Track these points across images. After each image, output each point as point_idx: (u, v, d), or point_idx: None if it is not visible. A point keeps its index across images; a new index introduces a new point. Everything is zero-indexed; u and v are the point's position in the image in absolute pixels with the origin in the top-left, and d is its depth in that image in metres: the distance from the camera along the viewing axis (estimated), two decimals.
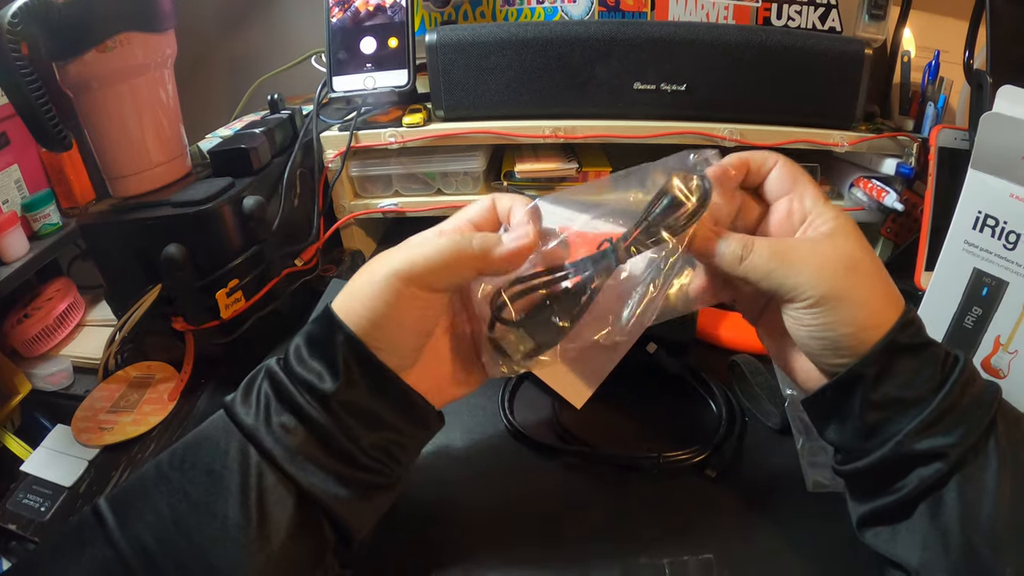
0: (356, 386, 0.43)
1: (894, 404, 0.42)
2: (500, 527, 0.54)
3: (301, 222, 0.85)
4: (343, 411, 0.43)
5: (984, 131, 0.59)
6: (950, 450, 0.40)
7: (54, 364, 0.82)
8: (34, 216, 0.83)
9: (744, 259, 0.45)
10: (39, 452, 0.68)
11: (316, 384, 0.43)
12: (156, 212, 0.69)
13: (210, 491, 0.41)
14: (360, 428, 0.43)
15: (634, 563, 0.50)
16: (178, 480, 0.41)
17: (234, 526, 0.39)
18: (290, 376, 0.43)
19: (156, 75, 0.74)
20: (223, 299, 0.70)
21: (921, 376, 0.42)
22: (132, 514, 0.40)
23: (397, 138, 0.87)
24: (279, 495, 0.41)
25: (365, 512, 0.45)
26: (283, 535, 0.40)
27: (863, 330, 0.42)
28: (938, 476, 0.41)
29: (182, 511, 0.40)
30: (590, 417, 0.63)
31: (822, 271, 0.43)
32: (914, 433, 0.41)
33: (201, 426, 0.45)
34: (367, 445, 0.43)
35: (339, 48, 0.90)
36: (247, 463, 0.41)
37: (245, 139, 0.79)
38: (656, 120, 0.85)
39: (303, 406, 0.42)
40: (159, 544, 0.39)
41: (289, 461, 0.41)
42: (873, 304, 0.43)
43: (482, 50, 0.83)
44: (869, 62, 0.82)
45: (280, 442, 0.41)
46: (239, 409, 0.43)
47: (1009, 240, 0.58)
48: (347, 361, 0.43)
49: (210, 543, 0.39)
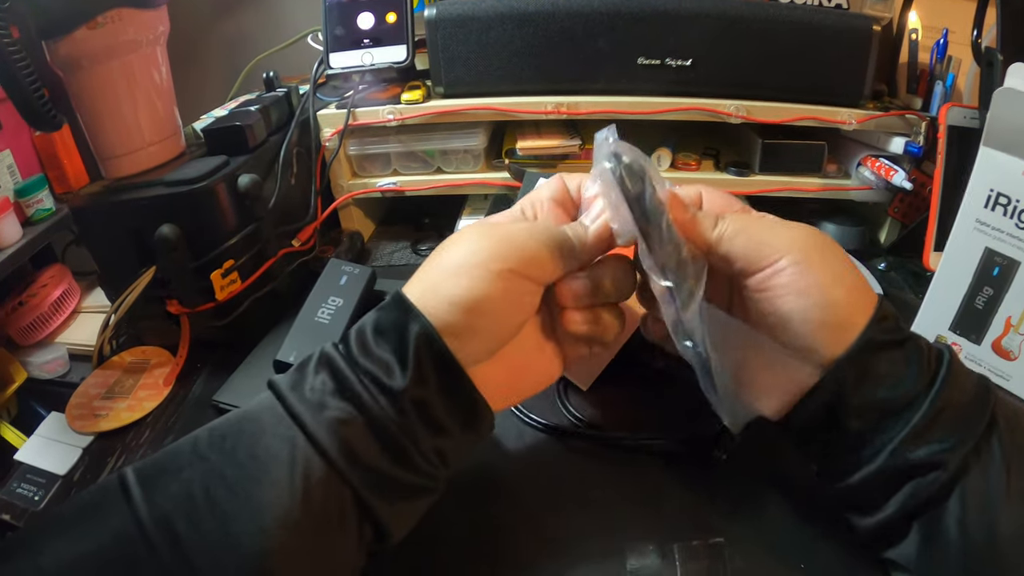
0: (427, 384, 0.41)
1: (881, 409, 0.40)
2: (505, 510, 0.53)
3: (298, 202, 0.84)
4: (413, 411, 0.40)
5: (997, 107, 0.58)
6: (949, 456, 0.38)
7: (50, 352, 0.81)
8: (27, 202, 0.82)
9: (719, 230, 0.44)
10: (33, 440, 0.67)
11: (383, 378, 0.40)
12: (149, 192, 0.68)
13: (252, 479, 0.38)
14: (422, 429, 0.41)
15: (642, 547, 0.49)
16: (217, 462, 0.39)
17: (274, 518, 0.37)
18: (352, 365, 0.41)
19: (148, 52, 0.73)
20: (218, 280, 0.69)
21: (908, 374, 0.40)
22: (161, 489, 0.38)
23: (396, 115, 0.86)
24: (325, 491, 0.38)
25: (407, 515, 0.43)
26: (322, 530, 0.38)
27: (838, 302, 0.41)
28: (938, 487, 0.38)
29: (219, 496, 0.37)
30: (596, 399, 0.63)
31: (795, 234, 0.43)
32: (908, 440, 0.39)
33: (246, 407, 0.42)
34: (426, 448, 0.41)
35: (336, 24, 0.88)
36: (295, 453, 0.38)
37: (240, 116, 0.78)
38: (661, 96, 0.83)
39: (365, 400, 0.40)
40: (189, 526, 0.37)
41: (340, 456, 0.39)
42: (844, 274, 0.42)
43: (482, 24, 0.82)
44: (877, 39, 0.81)
45: (333, 435, 0.39)
46: (289, 395, 0.40)
47: (1022, 219, 0.58)
48: (420, 355, 0.40)
49: (245, 532, 0.37)
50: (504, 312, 0.43)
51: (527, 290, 0.43)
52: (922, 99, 0.87)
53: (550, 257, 0.43)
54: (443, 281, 0.42)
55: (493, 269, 0.41)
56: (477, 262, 0.42)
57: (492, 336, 0.43)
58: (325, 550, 0.39)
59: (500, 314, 0.43)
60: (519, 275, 0.42)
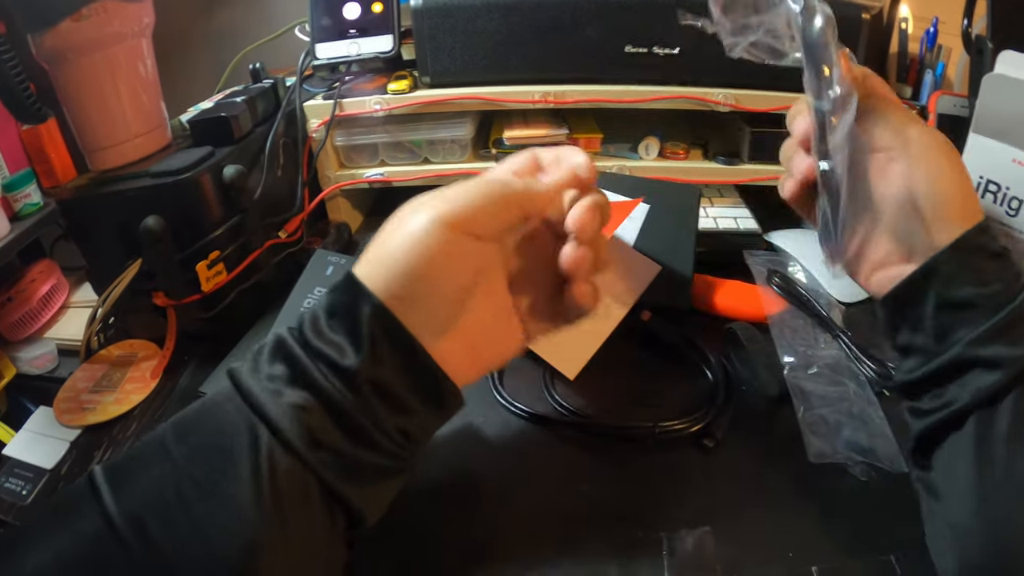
0: (382, 363, 0.40)
1: (967, 306, 0.42)
2: (492, 501, 0.53)
3: (285, 193, 0.84)
4: (369, 389, 0.40)
5: (986, 93, 0.58)
6: (1011, 362, 0.40)
7: (39, 347, 0.80)
8: (14, 196, 0.81)
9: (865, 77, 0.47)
10: (21, 435, 0.67)
11: (337, 359, 0.40)
12: (134, 183, 0.68)
13: (220, 473, 0.37)
14: (384, 409, 0.40)
15: (631, 536, 0.49)
16: (183, 458, 0.38)
17: (244, 509, 0.37)
18: (306, 350, 0.40)
19: (133, 44, 0.73)
20: (204, 272, 0.68)
21: (996, 282, 0.42)
22: (129, 487, 0.38)
23: (383, 105, 0.85)
24: (291, 480, 0.38)
25: (378, 497, 0.42)
26: (295, 519, 0.38)
27: (948, 200, 0.44)
28: (995, 387, 0.40)
29: (188, 493, 0.37)
30: (583, 388, 0.62)
31: (924, 127, 0.46)
32: (982, 338, 0.41)
33: (207, 398, 0.42)
34: (389, 427, 0.41)
35: (322, 14, 0.88)
36: (258, 444, 0.38)
37: (225, 108, 0.77)
38: (648, 84, 0.83)
39: (321, 384, 0.39)
40: (160, 525, 0.36)
41: (303, 443, 0.38)
42: (958, 181, 0.45)
43: (469, 13, 0.81)
44: (867, 26, 0.80)
45: (294, 423, 0.38)
46: (248, 382, 0.40)
47: (1012, 206, 0.58)
48: (373, 334, 0.40)
49: (215, 525, 0.36)
50: (449, 273, 0.42)
51: (470, 248, 0.43)
52: (912, 88, 0.87)
53: (491, 206, 0.43)
54: (386, 254, 0.42)
55: (431, 231, 0.41)
56: (419, 225, 0.41)
57: (443, 301, 0.43)
58: (300, 540, 0.38)
59: (445, 276, 0.42)
60: (460, 230, 0.42)
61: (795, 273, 0.71)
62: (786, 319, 0.65)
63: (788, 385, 0.59)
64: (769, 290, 0.68)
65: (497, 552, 0.49)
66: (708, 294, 0.72)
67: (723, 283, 0.74)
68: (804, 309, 0.65)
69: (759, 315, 0.67)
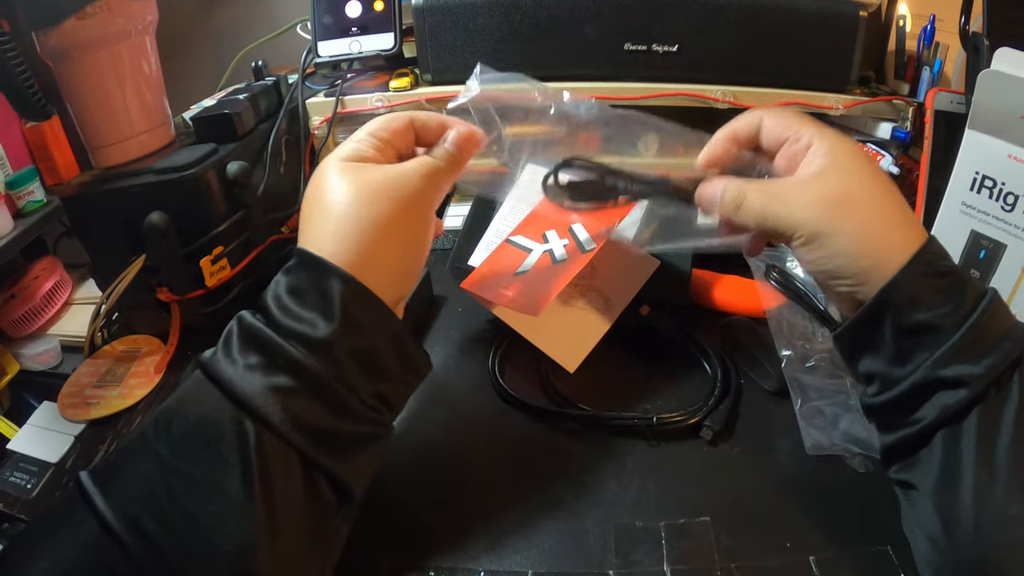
0: (357, 330, 0.42)
1: (924, 330, 0.42)
2: (493, 492, 0.53)
3: (287, 190, 0.84)
4: (346, 359, 0.41)
5: (982, 90, 0.58)
6: (974, 380, 0.40)
7: (42, 343, 0.80)
8: (18, 194, 0.82)
9: (739, 206, 0.46)
10: (25, 430, 0.67)
11: (310, 334, 0.41)
12: (138, 180, 0.68)
13: (208, 466, 0.38)
14: (359, 377, 0.42)
15: (630, 527, 0.50)
16: (170, 455, 0.39)
17: (237, 500, 0.37)
18: (278, 332, 0.41)
19: (137, 42, 0.73)
20: (208, 267, 0.69)
21: (950, 301, 0.42)
22: (118, 487, 0.38)
23: (384, 103, 0.86)
24: (281, 464, 0.39)
25: (362, 467, 0.44)
26: (288, 505, 0.39)
27: (862, 259, 0.43)
28: (960, 405, 0.41)
29: (180, 490, 0.38)
30: (583, 380, 0.63)
31: (807, 209, 0.44)
32: (943, 359, 0.41)
33: (182, 389, 0.42)
34: (365, 394, 0.42)
35: (324, 12, 0.88)
36: (244, 434, 0.38)
37: (228, 105, 0.78)
38: (647, 82, 0.84)
39: (300, 360, 0.40)
40: (147, 510, 0.37)
41: (289, 427, 0.39)
42: (868, 233, 0.43)
43: (469, 12, 0.82)
44: (864, 24, 0.81)
45: (278, 407, 0.39)
46: (225, 372, 0.40)
47: (1007, 202, 0.58)
48: (346, 306, 0.41)
49: (210, 518, 0.37)
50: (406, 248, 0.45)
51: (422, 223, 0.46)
52: (909, 85, 0.87)
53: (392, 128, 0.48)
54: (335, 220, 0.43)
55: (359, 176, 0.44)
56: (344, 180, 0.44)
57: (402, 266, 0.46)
58: (296, 523, 0.39)
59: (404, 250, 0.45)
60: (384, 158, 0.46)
61: (793, 268, 0.71)
62: (784, 313, 0.65)
63: (786, 378, 0.59)
64: (767, 285, 0.68)
65: (496, 542, 0.49)
66: (707, 289, 0.73)
67: (721, 278, 0.74)
68: (801, 303, 0.65)
69: (757, 309, 0.67)
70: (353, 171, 0.45)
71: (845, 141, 0.46)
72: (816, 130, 0.46)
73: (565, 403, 0.61)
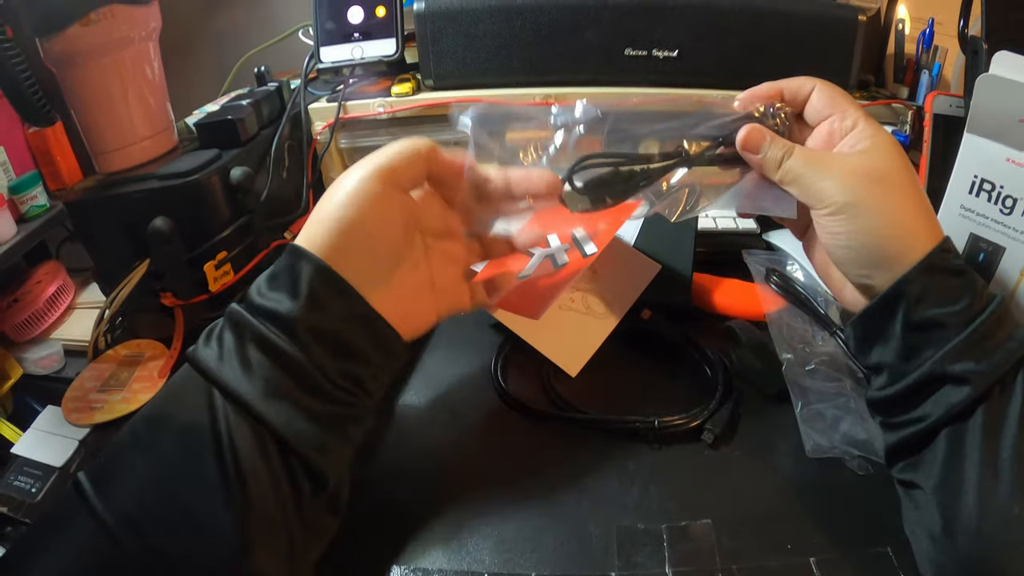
0: (320, 308, 0.43)
1: (934, 326, 0.43)
2: (494, 494, 0.54)
3: (290, 195, 0.85)
4: (309, 337, 0.42)
5: (980, 94, 0.58)
6: (979, 378, 0.41)
7: (45, 348, 0.81)
8: (21, 198, 0.82)
9: (782, 163, 0.47)
10: (29, 434, 0.67)
11: (278, 310, 0.42)
12: (142, 185, 0.68)
13: (184, 446, 0.40)
14: (325, 355, 0.43)
15: (632, 529, 0.50)
16: (152, 440, 0.41)
17: (210, 474, 0.39)
18: (251, 310, 0.43)
19: (141, 48, 0.73)
20: (211, 272, 0.69)
21: (961, 300, 0.43)
22: (111, 483, 0.39)
23: (386, 108, 0.86)
24: (247, 435, 0.40)
25: (335, 451, 0.44)
26: (256, 476, 0.39)
27: (888, 241, 0.44)
28: (965, 403, 0.41)
29: (160, 471, 0.39)
30: (584, 384, 0.63)
31: (846, 179, 0.45)
32: (950, 355, 0.42)
33: (169, 383, 0.44)
34: (334, 373, 0.43)
35: (326, 18, 0.89)
36: (214, 408, 0.40)
37: (231, 110, 0.78)
38: (648, 86, 0.84)
39: (266, 335, 0.41)
40: (141, 509, 0.38)
41: (254, 397, 0.40)
42: (901, 220, 0.45)
43: (471, 17, 0.82)
44: (863, 28, 0.81)
45: (244, 379, 0.40)
46: (201, 354, 0.42)
47: (1006, 205, 0.58)
48: (312, 284, 0.43)
49: (189, 496, 0.38)
50: (376, 222, 0.46)
51: (395, 199, 0.47)
52: (909, 88, 0.88)
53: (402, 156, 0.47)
54: (324, 213, 0.45)
55: (365, 180, 0.45)
56: (351, 182, 0.45)
57: (377, 253, 0.46)
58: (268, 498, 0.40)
59: (373, 226, 0.45)
60: (389, 182, 0.46)
61: (793, 272, 0.71)
62: (784, 317, 0.66)
63: (786, 381, 0.60)
64: (767, 288, 0.69)
65: (499, 545, 0.50)
66: (707, 293, 0.73)
67: (722, 282, 0.74)
68: (802, 307, 0.66)
69: (758, 313, 0.67)
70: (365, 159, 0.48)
71: (886, 132, 0.47)
72: (863, 114, 0.48)
73: (567, 407, 0.61)
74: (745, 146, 0.49)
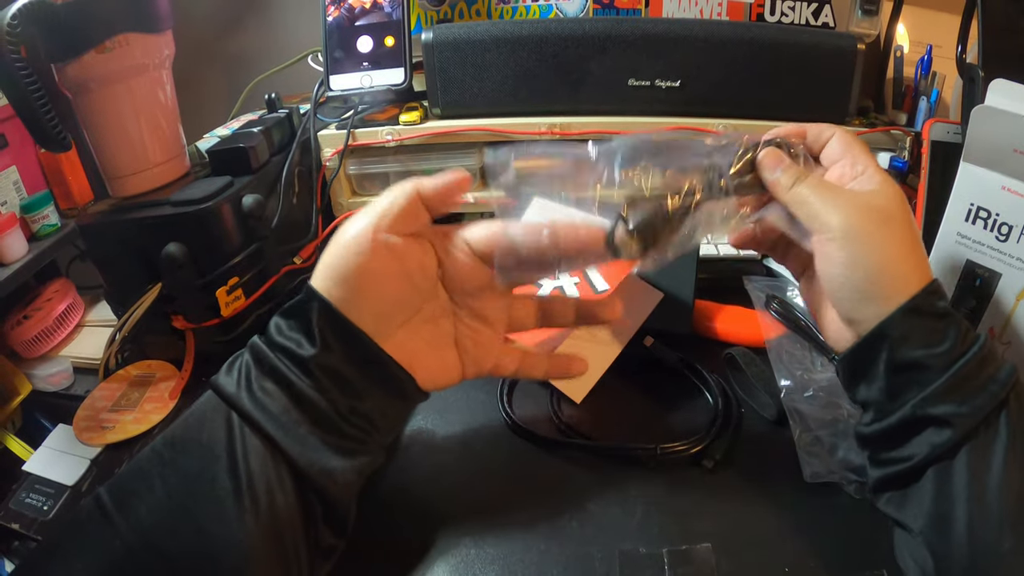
0: (332, 350, 0.45)
1: (917, 367, 0.44)
2: (499, 519, 0.54)
3: (300, 220, 0.86)
4: (322, 375, 0.44)
5: (976, 124, 0.59)
6: (961, 420, 0.42)
7: (54, 365, 0.82)
8: (33, 217, 0.83)
9: (793, 187, 0.48)
10: (41, 452, 0.68)
11: (295, 350, 0.45)
12: (156, 211, 0.70)
13: (200, 461, 0.42)
14: (337, 392, 0.45)
15: (633, 553, 0.50)
16: (170, 457, 0.43)
17: (224, 491, 0.40)
18: (270, 346, 0.45)
19: (154, 75, 0.75)
20: (223, 297, 0.70)
21: (944, 343, 0.43)
22: (131, 498, 0.41)
23: (394, 136, 0.87)
24: (262, 457, 0.42)
25: (344, 479, 0.45)
26: (269, 497, 0.41)
27: (880, 276, 0.45)
28: (948, 444, 0.42)
29: (175, 485, 0.41)
30: (588, 410, 0.64)
31: (851, 209, 0.46)
32: (932, 397, 0.43)
33: (191, 410, 0.46)
34: (345, 411, 0.45)
35: (335, 47, 0.90)
36: (231, 429, 0.42)
37: (243, 138, 0.79)
38: (651, 116, 0.85)
39: (282, 370, 0.44)
40: (157, 523, 0.40)
41: (269, 423, 0.42)
42: (895, 257, 0.45)
43: (478, 48, 0.83)
44: (862, 57, 0.82)
45: (260, 406, 0.43)
46: (222, 381, 0.45)
47: (1001, 232, 0.58)
48: (321, 326, 0.45)
49: (204, 512, 0.40)
50: (379, 271, 0.47)
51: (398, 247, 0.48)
52: (907, 114, 0.89)
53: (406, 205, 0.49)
54: (330, 260, 0.47)
55: (362, 232, 0.46)
56: (350, 234, 0.47)
57: (378, 300, 0.47)
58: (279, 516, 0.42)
59: (377, 274, 0.47)
60: (387, 229, 0.47)
61: (793, 298, 0.72)
62: (784, 343, 0.66)
63: (785, 408, 0.60)
64: (767, 315, 0.69)
65: (504, 568, 0.50)
66: (708, 319, 0.74)
67: (723, 308, 0.75)
68: (801, 334, 0.66)
69: (758, 339, 0.68)
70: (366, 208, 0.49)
71: (892, 180, 0.48)
72: (874, 163, 0.49)
73: (572, 433, 0.62)
74: (763, 164, 0.49)
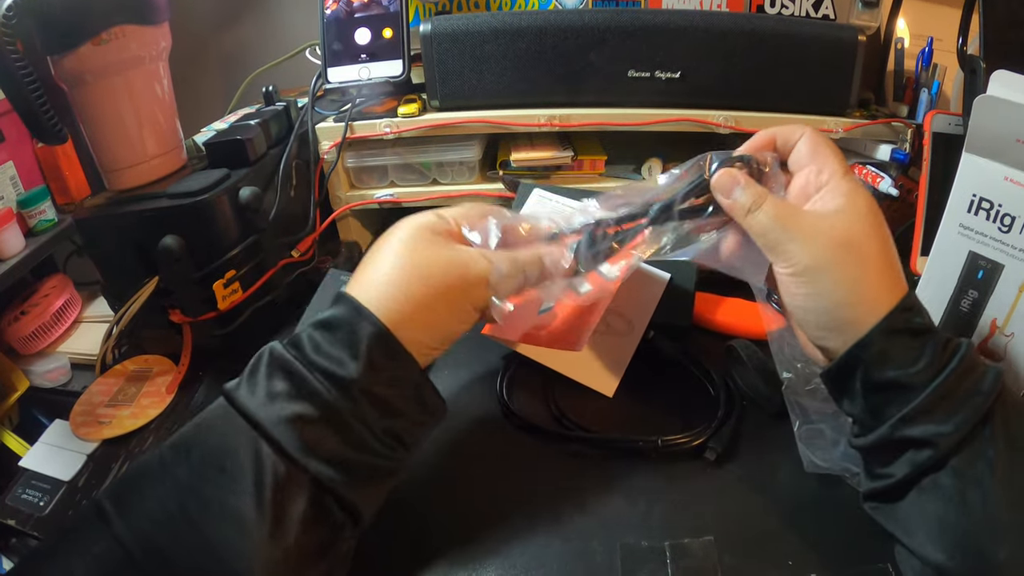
0: (376, 370, 0.43)
1: (893, 387, 0.43)
2: (499, 512, 0.54)
3: (298, 213, 0.85)
4: (362, 397, 0.43)
5: (978, 114, 0.59)
6: (941, 439, 0.41)
7: (51, 361, 0.82)
8: (29, 213, 0.83)
9: (751, 212, 0.46)
10: (37, 447, 0.68)
11: (336, 371, 0.43)
12: (152, 204, 0.69)
13: (224, 490, 0.40)
14: (374, 414, 0.43)
15: (635, 546, 0.50)
16: (186, 476, 0.41)
17: (250, 522, 0.39)
18: (307, 365, 0.43)
19: (151, 68, 0.74)
20: (220, 290, 0.70)
21: (920, 360, 0.42)
22: (135, 508, 0.40)
23: (392, 128, 0.87)
24: (293, 489, 0.40)
25: (373, 494, 0.45)
26: (298, 527, 0.40)
27: (845, 309, 0.44)
28: (930, 463, 0.41)
29: (193, 509, 0.39)
30: (589, 403, 0.64)
31: (811, 242, 0.44)
32: (911, 417, 0.42)
33: (201, 416, 0.44)
34: (379, 431, 0.44)
35: (334, 39, 0.89)
36: (260, 459, 0.40)
37: (240, 131, 0.79)
38: (651, 108, 0.85)
39: (322, 393, 0.42)
40: (167, 539, 0.39)
41: (303, 454, 0.41)
42: (859, 286, 0.44)
43: (476, 39, 0.83)
44: (863, 49, 0.82)
45: (294, 434, 0.41)
46: (246, 401, 0.42)
47: (1004, 223, 0.58)
48: (371, 351, 0.43)
49: (223, 539, 0.39)
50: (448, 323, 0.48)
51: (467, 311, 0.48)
52: (908, 106, 0.88)
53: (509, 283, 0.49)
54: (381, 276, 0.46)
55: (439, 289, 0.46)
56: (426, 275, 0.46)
57: (434, 330, 0.47)
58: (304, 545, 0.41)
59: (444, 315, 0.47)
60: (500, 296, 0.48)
61: None
62: (785, 336, 0.65)
63: (786, 400, 0.60)
64: (768, 307, 0.68)
65: (505, 562, 0.50)
66: (709, 311, 0.74)
67: (724, 300, 0.75)
68: None
69: (759, 332, 0.68)
70: (423, 239, 0.48)
71: (862, 189, 0.46)
72: (841, 171, 0.47)
73: (572, 426, 0.62)
74: (717, 187, 0.48)
